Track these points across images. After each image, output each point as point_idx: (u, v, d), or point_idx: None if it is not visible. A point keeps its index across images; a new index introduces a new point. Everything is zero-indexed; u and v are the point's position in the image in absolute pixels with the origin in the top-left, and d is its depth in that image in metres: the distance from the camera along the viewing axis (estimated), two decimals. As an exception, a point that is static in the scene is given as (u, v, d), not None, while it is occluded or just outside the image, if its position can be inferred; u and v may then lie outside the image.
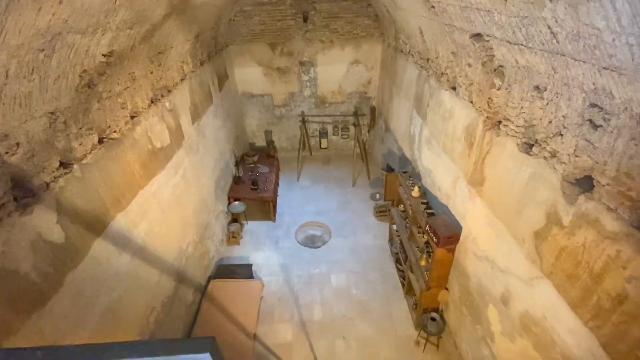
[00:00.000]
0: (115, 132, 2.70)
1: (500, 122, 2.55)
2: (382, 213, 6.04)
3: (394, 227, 5.07)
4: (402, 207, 4.78)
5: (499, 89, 2.47)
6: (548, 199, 2.09)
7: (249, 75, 6.96)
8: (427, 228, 3.54)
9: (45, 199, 1.98)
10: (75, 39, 1.87)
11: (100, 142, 2.53)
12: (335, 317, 4.33)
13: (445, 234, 3.29)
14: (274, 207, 6.10)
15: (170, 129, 3.73)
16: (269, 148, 7.35)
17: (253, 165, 6.61)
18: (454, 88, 3.33)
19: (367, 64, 6.93)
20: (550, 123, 2.00)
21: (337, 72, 6.98)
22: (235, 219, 5.84)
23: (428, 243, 3.74)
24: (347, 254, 5.34)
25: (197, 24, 4.28)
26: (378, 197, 6.44)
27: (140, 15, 2.53)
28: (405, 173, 4.64)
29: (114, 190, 2.64)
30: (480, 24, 2.31)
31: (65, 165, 2.16)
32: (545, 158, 2.09)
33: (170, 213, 3.64)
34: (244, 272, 4.63)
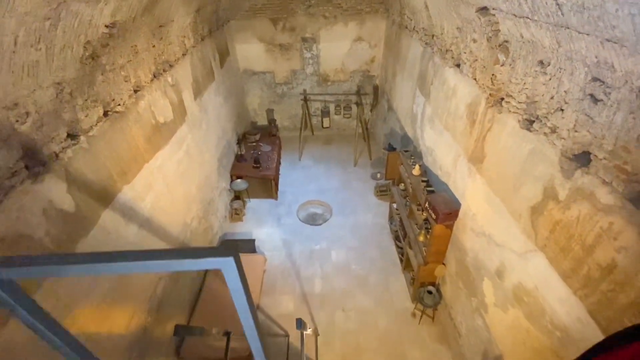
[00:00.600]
0: (120, 105, 2.73)
1: (503, 99, 2.55)
2: (382, 192, 6.11)
3: (394, 205, 5.15)
4: (402, 185, 4.84)
5: (503, 65, 2.47)
6: (546, 175, 2.14)
7: (251, 52, 6.85)
8: (426, 205, 3.61)
9: (55, 169, 2.03)
10: (80, 8, 1.86)
11: (106, 115, 2.56)
12: (335, 290, 4.49)
13: (444, 211, 3.36)
14: (276, 185, 6.17)
15: (173, 104, 3.73)
16: (271, 127, 7.34)
17: (255, 144, 6.63)
18: (458, 65, 3.31)
19: (370, 42, 6.79)
20: (552, 99, 2.02)
21: (340, 49, 6.85)
22: (238, 196, 5.93)
23: (427, 220, 3.82)
24: (347, 232, 5.45)
25: (197, -3, 4.19)
26: (379, 176, 6.49)
27: (142, -15, 2.50)
28: (407, 152, 4.67)
29: (120, 163, 2.69)
30: (487, -3, 2.28)
31: (73, 137, 2.21)
32: (545, 134, 2.12)
33: (175, 188, 3.71)
34: (247, 246, 4.76)
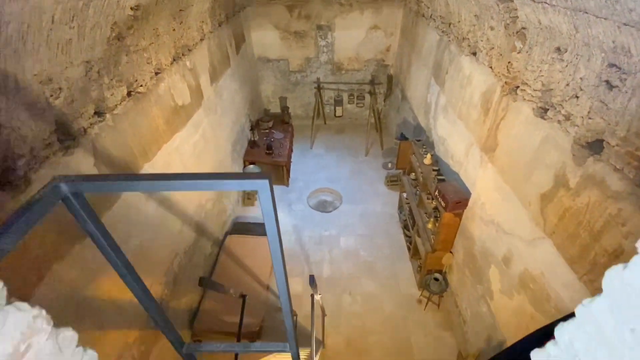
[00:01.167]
0: (142, 86, 2.83)
1: (518, 87, 2.56)
2: (393, 182, 6.14)
3: (404, 195, 5.18)
4: (413, 175, 4.87)
5: (520, 52, 2.46)
6: (557, 162, 2.15)
7: (266, 39, 6.88)
8: (436, 193, 3.64)
9: (83, 143, 2.15)
10: (109, -11, 1.95)
11: (129, 95, 2.67)
12: (343, 274, 4.59)
13: (454, 199, 3.40)
14: (288, 172, 6.26)
15: (191, 88, 3.83)
16: (284, 114, 7.40)
17: (268, 131, 6.71)
18: (474, 53, 3.29)
19: (386, 30, 6.74)
20: (568, 85, 2.02)
21: (355, 37, 6.82)
22: (250, 182, 6.05)
23: (436, 208, 3.86)
24: (356, 219, 5.53)
25: (216, -18, 4.24)
26: (390, 166, 6.52)
27: (165, -32, 2.57)
28: (419, 141, 4.68)
29: (142, 142, 2.81)
30: (506, -17, 2.27)
31: (99, 114, 2.32)
32: (559, 122, 2.13)
33: (191, 169, 3.83)
34: (259, 229, 4.89)
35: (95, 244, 1.06)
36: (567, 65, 2.00)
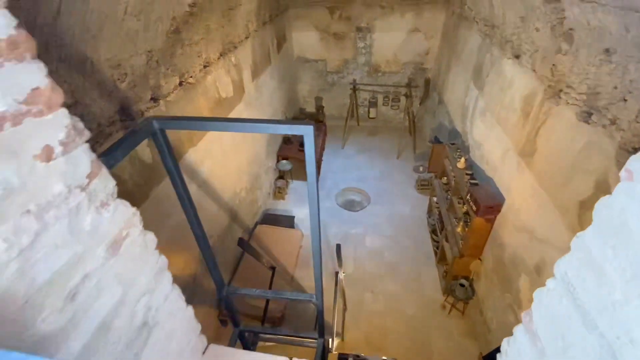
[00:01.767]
0: (192, 77, 3.07)
1: (561, 90, 2.48)
2: (423, 186, 6.07)
3: (434, 199, 5.11)
4: (445, 179, 4.80)
5: (566, 54, 2.39)
6: (599, 168, 2.08)
7: (306, 40, 7.08)
8: (468, 197, 3.58)
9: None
10: (172, -14, 2.17)
11: (180, 84, 2.91)
12: (366, 273, 4.62)
13: (486, 204, 3.33)
14: (318, 169, 6.39)
15: (234, 82, 4.07)
16: (318, 114, 7.55)
17: (302, 129, 6.88)
18: (518, 56, 3.22)
19: (426, 33, 6.68)
20: (616, 88, 1.95)
21: (394, 40, 6.83)
22: (282, 176, 6.25)
23: (467, 213, 3.79)
24: (383, 220, 5.52)
25: (264, -17, 4.47)
26: (421, 169, 6.44)
27: (221, -31, 2.78)
28: (453, 145, 4.61)
29: (188, 128, 3.05)
30: (555, -17, 2.23)
31: (154, 100, 2.57)
32: (604, 126, 2.05)
33: (229, 159, 4.07)
34: (287, 222, 5.05)
35: (171, 180, 1.55)
36: (615, 67, 1.93)
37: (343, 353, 2.93)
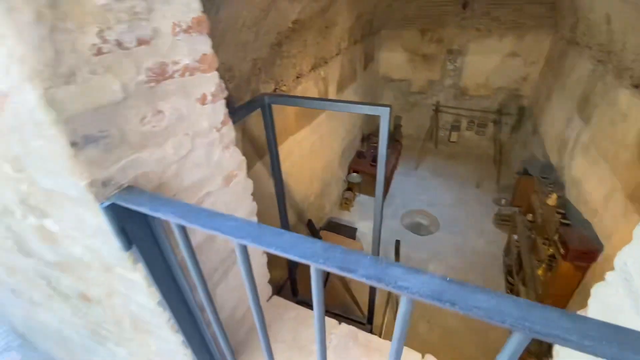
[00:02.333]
0: (285, 86, 3.43)
1: (695, 126, 2.10)
2: (503, 221, 5.52)
3: (514, 237, 4.62)
4: (530, 216, 4.32)
5: None
6: None
7: (393, 60, 7.19)
8: (556, 238, 3.18)
9: (237, 122, 2.78)
10: (283, 5, 2.51)
11: (274, 91, 3.28)
12: (425, 302, 4.36)
13: (578, 248, 2.91)
14: (388, 186, 6.33)
15: (320, 94, 4.37)
16: (396, 132, 7.52)
17: (376, 145, 6.93)
18: (637, 86, 2.81)
19: (527, 58, 6.20)
20: None
21: (487, 63, 6.49)
22: (350, 188, 6.36)
23: (553, 256, 3.35)
24: (451, 250, 5.18)
25: (361, 5, 4.76)
26: (503, 202, 5.88)
27: (324, -9, 3.10)
28: (545, 179, 4.15)
29: (276, 129, 3.38)
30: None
31: (252, 101, 2.95)
32: None
33: (305, 163, 4.34)
34: (349, 232, 5.11)
35: (269, 150, 2.21)
36: None
37: None
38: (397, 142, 7.24)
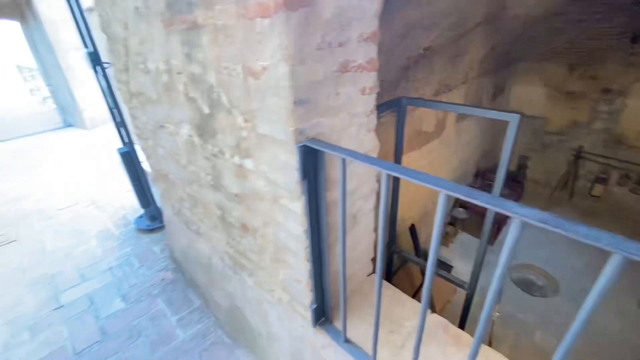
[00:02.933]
0: (404, 107, 3.56)
1: None
2: (657, 307, 4.27)
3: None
4: (703, 308, 3.25)
5: None
6: None
7: (528, 95, 6.51)
8: None
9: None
10: (418, 32, 2.68)
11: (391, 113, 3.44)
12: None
13: None
14: (499, 231, 5.67)
15: (437, 120, 4.34)
16: (519, 173, 6.71)
17: (491, 183, 6.32)
18: None
19: None
20: None
21: (661, 109, 5.26)
22: (452, 223, 5.95)
23: None
24: (568, 321, 4.26)
25: (497, 36, 4.56)
26: (660, 285, 4.55)
27: (461, 20, 3.14)
28: None
29: (386, 147, 3.52)
30: None
31: (371, 118, 3.17)
32: None
33: (407, 185, 4.32)
34: (443, 269, 4.77)
35: (395, 152, 2.49)
36: None
37: None
38: (518, 183, 6.45)
